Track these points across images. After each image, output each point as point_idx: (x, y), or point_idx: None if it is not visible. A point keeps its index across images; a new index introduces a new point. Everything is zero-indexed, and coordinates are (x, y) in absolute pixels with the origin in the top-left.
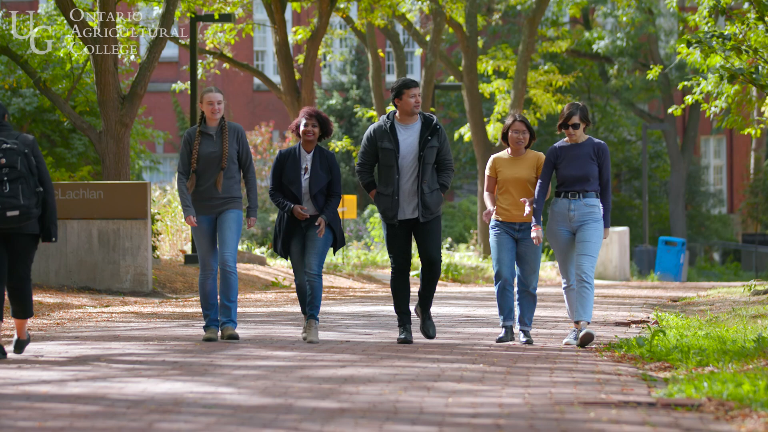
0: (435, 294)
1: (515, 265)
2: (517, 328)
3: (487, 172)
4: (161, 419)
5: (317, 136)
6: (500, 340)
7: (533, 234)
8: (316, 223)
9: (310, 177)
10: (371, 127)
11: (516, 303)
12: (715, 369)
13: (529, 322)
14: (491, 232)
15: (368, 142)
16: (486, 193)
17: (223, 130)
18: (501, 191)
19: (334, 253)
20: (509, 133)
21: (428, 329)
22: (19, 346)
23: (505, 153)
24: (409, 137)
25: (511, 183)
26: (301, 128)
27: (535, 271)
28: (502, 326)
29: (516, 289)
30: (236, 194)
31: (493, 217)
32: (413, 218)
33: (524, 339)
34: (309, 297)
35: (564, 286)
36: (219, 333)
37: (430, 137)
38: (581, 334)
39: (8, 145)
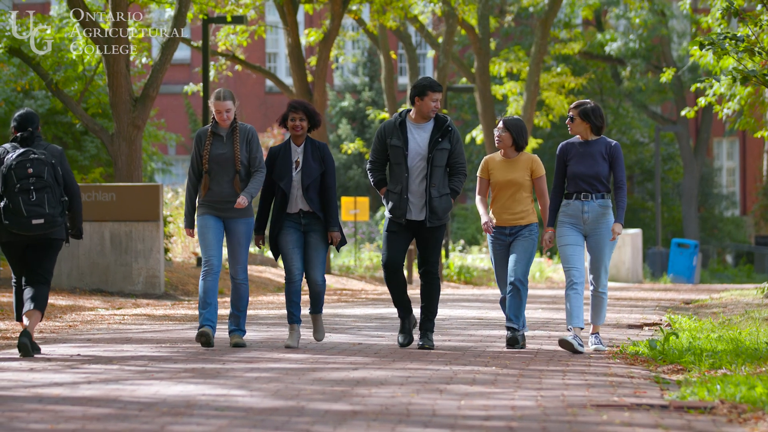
0: (448, 296)
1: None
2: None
3: (478, 173)
4: (173, 422)
5: (306, 130)
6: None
7: (546, 236)
8: (330, 242)
9: (302, 170)
10: (382, 124)
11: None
12: (728, 371)
13: (515, 319)
14: (489, 238)
15: (378, 139)
16: (478, 198)
17: (234, 131)
18: (492, 194)
19: (338, 250)
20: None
21: (425, 343)
22: (25, 335)
23: (498, 154)
24: (419, 136)
25: (503, 185)
26: (289, 123)
27: (520, 261)
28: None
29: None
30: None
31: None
32: (419, 220)
33: (509, 335)
34: (313, 300)
35: (567, 285)
36: (226, 336)
37: (440, 139)
38: (593, 347)
39: (36, 156)
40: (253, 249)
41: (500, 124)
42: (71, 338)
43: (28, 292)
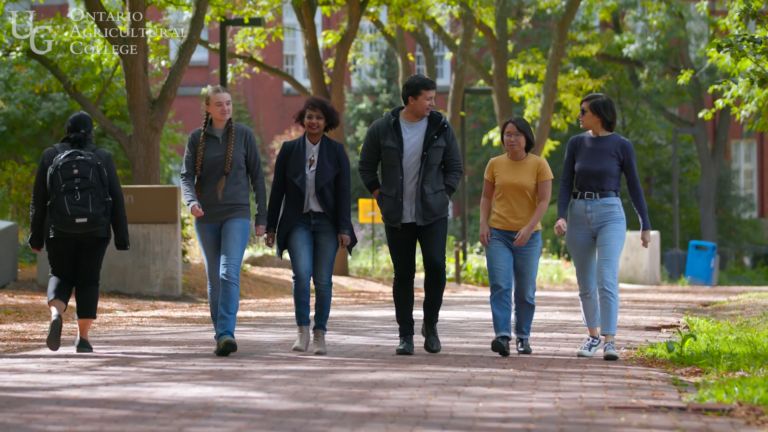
0: (466, 298)
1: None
2: (514, 336)
3: (485, 176)
4: (191, 424)
5: (322, 128)
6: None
7: (557, 224)
8: (340, 243)
9: (317, 169)
10: (374, 123)
11: (513, 312)
12: (746, 373)
13: (527, 331)
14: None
15: (370, 139)
16: (483, 200)
17: (230, 132)
18: (498, 197)
19: (350, 252)
20: (503, 137)
21: (432, 344)
22: (82, 345)
23: (504, 157)
24: (414, 136)
25: (509, 189)
26: (305, 120)
27: (531, 282)
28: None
29: (513, 298)
30: (242, 201)
31: (489, 223)
32: (416, 221)
33: (521, 348)
34: (318, 307)
35: (580, 293)
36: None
37: (436, 136)
38: (605, 354)
39: (82, 157)
40: (271, 251)
41: (512, 128)
42: (89, 340)
43: (78, 296)
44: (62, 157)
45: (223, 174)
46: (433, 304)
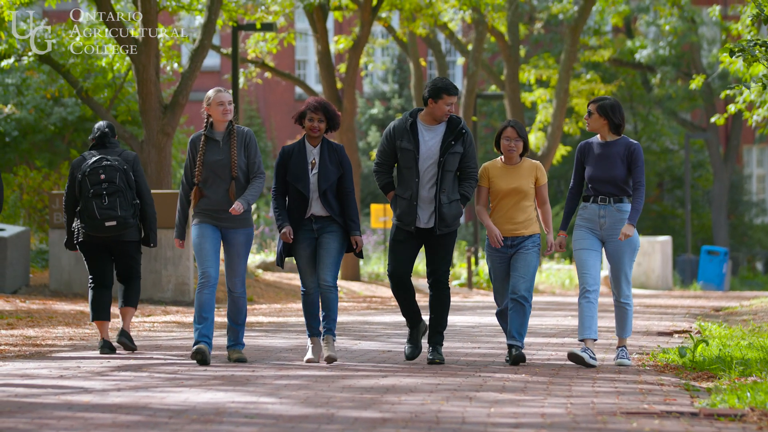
0: (478, 303)
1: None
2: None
3: (478, 182)
4: (203, 429)
5: (323, 132)
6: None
7: (557, 239)
8: (354, 246)
9: (319, 172)
10: (391, 124)
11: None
12: (759, 379)
13: (518, 336)
14: (486, 250)
15: (387, 140)
16: (478, 208)
17: (231, 135)
18: (493, 203)
19: (361, 256)
20: (501, 141)
21: (435, 357)
22: (123, 334)
23: (498, 161)
24: (431, 139)
25: (505, 194)
26: (306, 122)
27: (524, 276)
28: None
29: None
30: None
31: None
32: (428, 228)
33: (515, 353)
34: (325, 310)
35: (580, 289)
36: (225, 352)
37: (453, 142)
38: (617, 362)
39: (108, 162)
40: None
41: (511, 133)
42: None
43: (120, 290)
44: (89, 163)
45: (231, 179)
46: (438, 316)
